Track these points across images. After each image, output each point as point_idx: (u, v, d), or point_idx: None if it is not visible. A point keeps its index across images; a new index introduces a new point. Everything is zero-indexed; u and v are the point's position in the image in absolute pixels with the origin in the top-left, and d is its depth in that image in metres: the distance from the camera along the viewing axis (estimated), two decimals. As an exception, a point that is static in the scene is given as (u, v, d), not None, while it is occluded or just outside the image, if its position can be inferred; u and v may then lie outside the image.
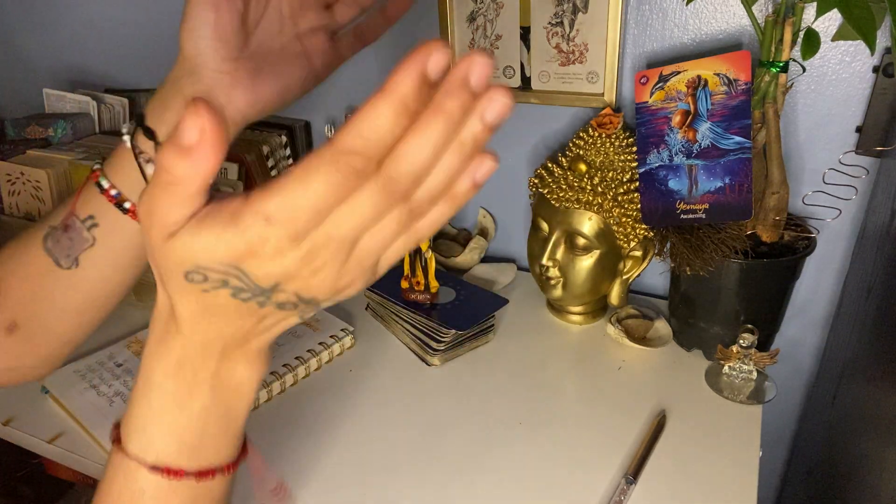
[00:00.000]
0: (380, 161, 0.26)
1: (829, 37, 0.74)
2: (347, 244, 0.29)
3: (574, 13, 0.84)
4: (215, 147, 0.27)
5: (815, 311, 0.90)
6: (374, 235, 0.29)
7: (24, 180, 0.99)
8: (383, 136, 0.26)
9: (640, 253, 0.83)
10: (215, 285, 0.29)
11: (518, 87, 0.92)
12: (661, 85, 0.72)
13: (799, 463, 0.99)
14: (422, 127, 0.26)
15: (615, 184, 0.79)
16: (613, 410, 0.74)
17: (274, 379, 0.77)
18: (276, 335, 0.34)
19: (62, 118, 1.12)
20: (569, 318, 0.89)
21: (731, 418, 0.72)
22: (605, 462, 0.67)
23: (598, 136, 0.81)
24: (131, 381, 0.77)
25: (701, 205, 0.73)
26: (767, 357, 0.75)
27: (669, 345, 0.84)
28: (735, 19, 0.78)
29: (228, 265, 0.28)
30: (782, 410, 0.99)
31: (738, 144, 0.70)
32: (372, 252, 0.30)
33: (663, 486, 0.64)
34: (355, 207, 0.27)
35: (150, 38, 1.19)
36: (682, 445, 0.69)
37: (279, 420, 0.74)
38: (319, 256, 0.28)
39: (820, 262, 0.86)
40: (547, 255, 0.81)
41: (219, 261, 0.28)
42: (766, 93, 0.70)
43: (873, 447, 0.65)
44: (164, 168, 0.27)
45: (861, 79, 0.75)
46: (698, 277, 0.75)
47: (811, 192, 0.80)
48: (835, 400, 0.82)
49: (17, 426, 0.73)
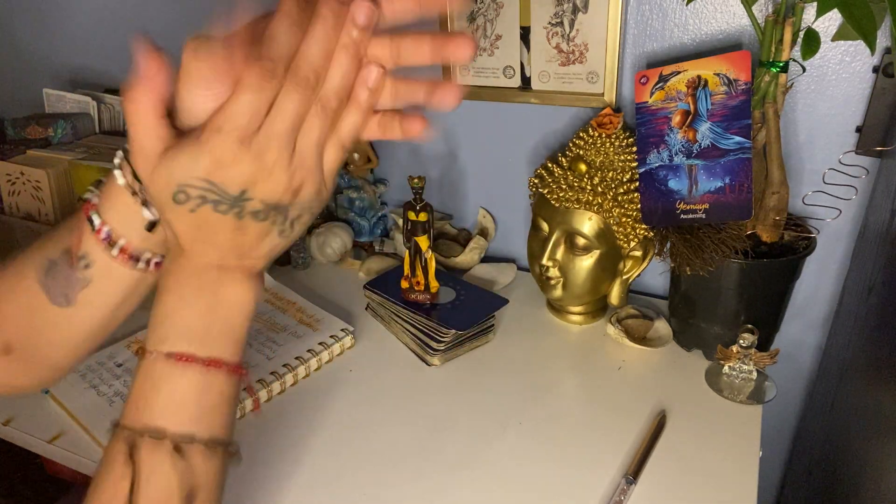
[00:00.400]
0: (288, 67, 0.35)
1: (829, 37, 0.74)
2: (285, 140, 0.36)
3: (574, 13, 0.84)
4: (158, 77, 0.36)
5: (815, 311, 0.90)
6: (305, 134, 0.37)
7: (24, 180, 0.99)
8: (283, 44, 0.35)
9: (640, 253, 0.83)
10: (197, 202, 0.36)
11: (518, 87, 0.92)
12: (661, 85, 0.72)
13: (799, 463, 0.99)
14: (309, 30, 0.35)
15: (615, 184, 0.79)
16: (613, 410, 0.74)
17: (274, 379, 0.77)
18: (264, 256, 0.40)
19: (62, 118, 1.12)
20: (569, 318, 0.89)
21: (731, 418, 0.72)
22: (605, 462, 0.67)
23: (598, 136, 0.81)
24: (131, 380, 0.77)
25: (701, 205, 0.73)
26: (767, 357, 0.75)
27: (669, 345, 0.84)
28: (735, 19, 0.78)
29: (202, 179, 0.36)
30: (782, 410, 0.99)
31: (738, 144, 0.70)
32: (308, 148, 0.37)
33: (663, 486, 0.64)
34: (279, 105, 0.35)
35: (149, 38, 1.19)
36: (682, 445, 0.69)
37: (279, 420, 0.74)
38: (267, 155, 0.36)
39: (820, 262, 0.86)
40: (547, 255, 0.81)
41: (194, 176, 0.36)
42: (766, 93, 0.70)
43: (873, 447, 0.65)
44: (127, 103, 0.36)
45: (861, 79, 0.75)
46: (698, 277, 0.75)
47: (811, 192, 0.80)
48: (835, 400, 0.82)
49: (17, 426, 0.73)
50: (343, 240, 1.05)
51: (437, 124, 1.02)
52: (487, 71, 0.92)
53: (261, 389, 0.75)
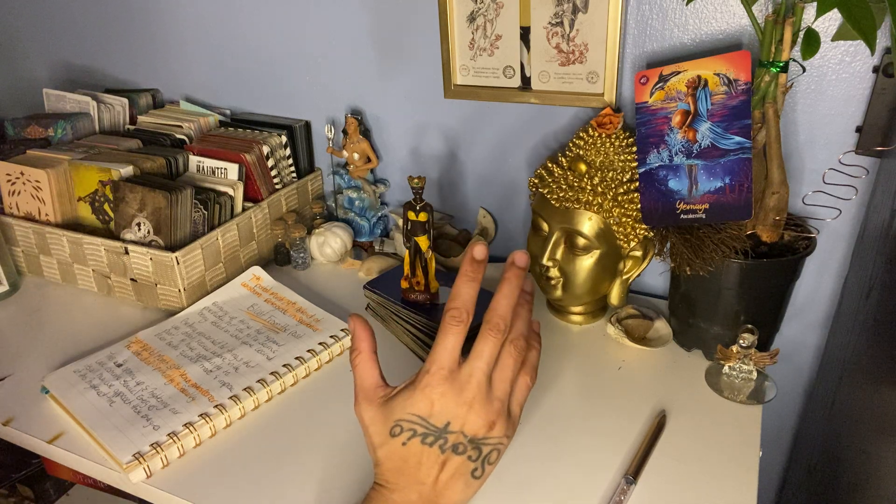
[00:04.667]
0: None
1: (829, 37, 0.74)
2: (484, 378, 0.44)
3: (574, 13, 0.84)
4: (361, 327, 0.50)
5: (815, 311, 0.90)
6: (500, 370, 0.45)
7: (24, 180, 0.99)
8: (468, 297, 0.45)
9: (640, 253, 0.83)
10: (409, 435, 0.44)
11: (518, 87, 0.92)
12: (661, 85, 0.72)
13: (799, 463, 0.99)
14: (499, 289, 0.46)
15: (615, 184, 0.79)
16: (613, 410, 0.74)
17: (274, 379, 0.77)
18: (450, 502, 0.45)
19: (62, 118, 1.12)
20: (569, 318, 0.89)
21: (731, 418, 0.72)
22: (605, 462, 0.67)
23: (598, 136, 0.81)
24: (131, 381, 0.77)
25: (701, 205, 0.73)
26: (767, 357, 0.75)
27: (669, 345, 0.84)
28: (735, 19, 0.78)
29: (414, 414, 0.44)
30: (782, 410, 0.99)
31: (738, 144, 0.70)
32: (503, 383, 0.45)
33: (663, 486, 0.64)
34: (477, 348, 0.44)
35: (149, 38, 1.19)
36: (682, 445, 0.69)
37: (279, 420, 0.74)
38: (468, 390, 0.44)
39: (820, 262, 0.86)
40: (547, 255, 0.81)
41: (408, 412, 0.44)
42: (766, 93, 0.70)
43: (873, 447, 0.65)
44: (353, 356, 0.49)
45: (861, 79, 0.75)
46: (698, 277, 0.75)
47: (811, 192, 0.80)
48: (835, 400, 0.82)
49: (17, 426, 0.73)
50: (343, 240, 1.05)
51: (437, 124, 1.02)
52: (487, 71, 0.92)
53: (261, 389, 0.75)
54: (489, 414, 0.44)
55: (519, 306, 0.47)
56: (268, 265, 1.05)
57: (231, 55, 1.13)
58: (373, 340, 0.50)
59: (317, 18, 1.02)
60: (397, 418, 0.44)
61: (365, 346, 0.49)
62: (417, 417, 0.44)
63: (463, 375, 0.44)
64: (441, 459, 0.44)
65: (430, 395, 0.44)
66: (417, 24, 0.95)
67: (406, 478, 0.45)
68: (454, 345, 0.44)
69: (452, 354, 0.44)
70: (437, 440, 0.44)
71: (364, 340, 0.49)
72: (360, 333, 0.50)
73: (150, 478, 0.66)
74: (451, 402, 0.43)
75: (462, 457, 0.44)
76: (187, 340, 0.84)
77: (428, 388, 0.44)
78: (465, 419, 0.44)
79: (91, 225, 0.99)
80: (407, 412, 0.44)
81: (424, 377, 0.44)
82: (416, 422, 0.44)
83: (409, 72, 1.00)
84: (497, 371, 0.45)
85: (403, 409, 0.44)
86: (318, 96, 1.09)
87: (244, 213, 0.99)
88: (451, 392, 0.44)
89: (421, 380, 0.44)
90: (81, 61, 1.30)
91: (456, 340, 0.44)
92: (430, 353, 0.45)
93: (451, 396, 0.43)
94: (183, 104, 1.18)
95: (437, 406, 0.44)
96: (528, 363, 0.48)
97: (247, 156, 1.00)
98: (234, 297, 0.94)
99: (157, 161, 1.00)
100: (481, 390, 0.44)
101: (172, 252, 0.88)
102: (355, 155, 1.04)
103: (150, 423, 0.70)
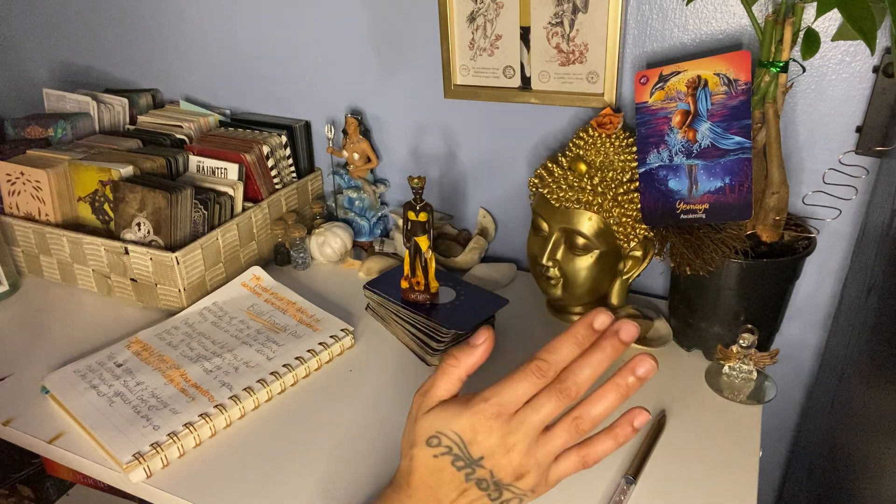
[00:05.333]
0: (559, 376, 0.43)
1: (829, 37, 0.74)
2: (532, 429, 0.43)
3: (574, 13, 0.84)
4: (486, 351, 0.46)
5: (815, 311, 0.90)
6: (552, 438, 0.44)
7: (24, 180, 0.99)
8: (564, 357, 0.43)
9: (640, 253, 0.83)
10: (443, 451, 0.44)
11: (518, 87, 0.92)
12: (661, 85, 0.72)
13: (799, 463, 0.99)
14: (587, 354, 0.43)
15: (615, 184, 0.79)
16: (613, 410, 0.74)
17: (274, 379, 0.77)
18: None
19: (62, 118, 1.12)
20: (569, 318, 0.89)
21: (731, 418, 0.72)
22: (605, 462, 0.67)
23: (598, 136, 0.81)
24: (131, 381, 0.77)
25: (701, 205, 0.73)
26: (767, 357, 0.75)
27: (669, 345, 0.84)
28: (735, 19, 0.78)
29: (456, 434, 0.44)
30: (782, 410, 0.99)
31: (738, 144, 0.70)
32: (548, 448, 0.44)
33: (663, 486, 0.64)
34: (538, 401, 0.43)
35: (150, 38, 1.19)
36: (682, 445, 0.69)
37: (279, 420, 0.74)
38: (513, 436, 0.43)
39: (820, 262, 0.86)
40: (547, 255, 0.81)
41: (451, 428, 0.44)
42: (766, 93, 0.70)
43: (873, 447, 0.65)
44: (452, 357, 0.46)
45: (861, 79, 0.75)
46: (698, 277, 0.75)
47: (811, 192, 0.80)
48: (835, 400, 0.82)
49: (17, 426, 0.73)
50: (343, 240, 1.05)
51: (437, 124, 1.02)
52: (487, 71, 0.92)
53: (261, 389, 0.75)
54: (524, 466, 0.44)
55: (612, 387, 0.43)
56: (268, 265, 1.05)
57: (231, 55, 1.13)
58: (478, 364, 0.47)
59: (317, 18, 1.02)
60: (439, 429, 0.44)
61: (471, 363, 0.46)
62: (458, 437, 0.44)
63: (515, 420, 0.43)
64: (463, 487, 0.44)
65: (477, 424, 0.43)
66: (417, 24, 0.95)
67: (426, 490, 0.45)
68: (524, 392, 0.43)
69: (516, 399, 0.43)
70: (465, 467, 0.44)
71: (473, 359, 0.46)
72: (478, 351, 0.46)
73: (150, 478, 0.66)
74: (493, 440, 0.43)
75: (483, 493, 0.44)
76: (187, 340, 0.84)
77: (479, 416, 0.43)
78: (499, 461, 0.43)
79: (91, 225, 0.99)
80: (450, 428, 0.44)
81: (480, 404, 0.44)
82: (454, 441, 0.44)
83: (409, 72, 1.00)
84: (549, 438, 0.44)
85: (448, 424, 0.44)
86: (318, 96, 1.09)
87: (244, 213, 0.99)
88: (498, 431, 0.43)
89: (476, 405, 0.44)
90: (81, 61, 1.30)
91: (527, 389, 0.43)
92: (495, 384, 0.44)
93: (495, 435, 0.43)
94: (183, 104, 1.18)
95: (479, 436, 0.43)
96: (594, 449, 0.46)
97: (247, 156, 1.00)
98: (234, 297, 0.94)
99: (157, 161, 1.00)
100: (526, 441, 0.43)
101: (172, 252, 0.88)
102: (355, 155, 1.04)
103: (150, 423, 0.70)
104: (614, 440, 0.46)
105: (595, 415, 0.44)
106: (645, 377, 0.43)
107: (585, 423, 0.44)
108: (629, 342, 0.43)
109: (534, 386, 0.43)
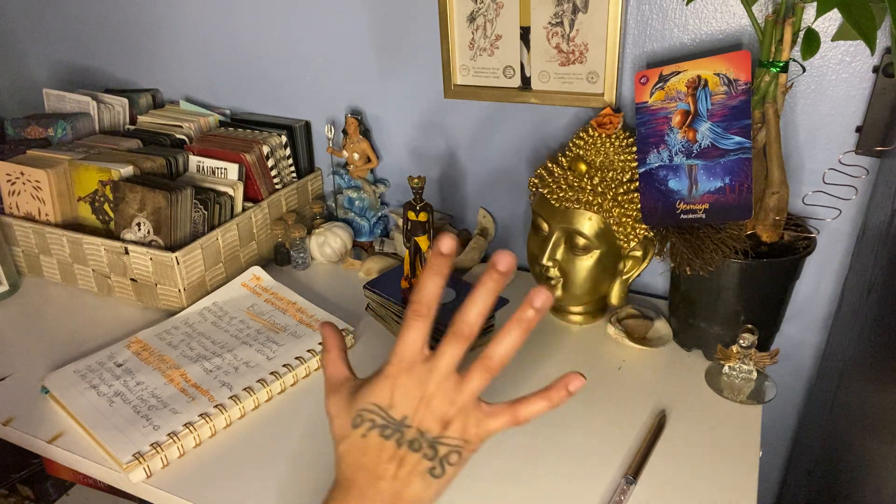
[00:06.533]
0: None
1: (829, 37, 0.74)
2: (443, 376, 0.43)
3: (574, 13, 0.84)
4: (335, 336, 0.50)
5: (815, 311, 0.90)
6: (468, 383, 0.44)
7: (24, 180, 0.99)
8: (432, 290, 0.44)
9: (640, 253, 0.83)
10: (369, 426, 0.43)
11: (518, 87, 0.92)
12: (661, 85, 0.72)
13: (799, 463, 0.99)
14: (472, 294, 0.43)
15: (615, 184, 0.79)
16: (613, 410, 0.74)
17: (274, 379, 0.77)
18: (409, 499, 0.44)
19: (62, 118, 1.12)
20: (569, 318, 0.89)
21: (731, 418, 0.72)
22: (605, 462, 0.67)
23: (598, 136, 0.81)
24: (131, 381, 0.77)
25: (701, 205, 0.73)
26: (767, 357, 0.75)
27: (669, 345, 0.84)
28: (735, 19, 0.78)
29: (374, 404, 0.44)
30: (782, 410, 0.99)
31: (738, 144, 0.70)
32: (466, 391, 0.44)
33: (663, 486, 0.64)
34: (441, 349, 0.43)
35: (150, 38, 1.19)
36: (682, 445, 0.69)
37: (279, 420, 0.74)
38: (427, 385, 0.43)
39: (820, 262, 0.86)
40: (547, 255, 0.81)
41: (369, 402, 0.44)
42: (766, 93, 0.70)
43: (873, 447, 0.65)
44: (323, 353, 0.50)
45: (861, 79, 0.75)
46: (698, 277, 0.75)
47: (811, 192, 0.80)
48: (835, 400, 0.82)
49: (17, 426, 0.73)
50: (343, 240, 1.05)
51: (437, 124, 1.02)
52: (487, 71, 0.92)
53: (261, 389, 0.75)
54: (447, 413, 0.44)
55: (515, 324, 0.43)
56: (268, 265, 1.05)
57: (231, 55, 1.13)
58: (342, 342, 0.50)
59: (317, 18, 1.02)
60: (359, 408, 0.44)
61: (333, 344, 0.50)
62: (377, 407, 0.44)
63: (424, 370, 0.43)
64: (398, 455, 0.43)
65: (390, 386, 0.44)
66: (417, 24, 0.95)
67: (364, 473, 0.44)
68: (415, 338, 0.44)
69: (413, 347, 0.44)
70: (394, 433, 0.43)
71: (332, 339, 0.50)
72: (329, 335, 0.50)
73: (150, 478, 0.66)
74: (410, 395, 0.43)
75: (418, 454, 0.43)
76: (187, 340, 0.84)
77: (389, 378, 0.44)
78: (423, 416, 0.43)
79: (91, 225, 0.99)
80: (367, 401, 0.44)
81: (386, 367, 0.44)
82: (375, 411, 0.44)
83: (409, 72, 1.00)
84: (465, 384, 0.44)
85: (364, 399, 0.44)
86: (318, 96, 1.09)
87: (244, 213, 0.99)
88: (412, 385, 0.43)
89: (382, 371, 0.44)
90: (81, 61, 1.30)
91: (417, 334, 0.44)
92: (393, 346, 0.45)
93: (411, 389, 0.43)
94: (183, 104, 1.18)
95: (396, 396, 0.43)
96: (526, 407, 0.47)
97: (247, 156, 1.00)
98: (234, 297, 0.94)
99: (157, 161, 1.00)
100: (442, 387, 0.43)
101: (172, 252, 0.88)
102: (355, 155, 1.04)
103: (150, 423, 0.70)
104: (548, 401, 0.46)
105: (502, 353, 0.44)
106: (543, 308, 0.43)
107: (494, 361, 0.44)
108: (504, 268, 0.43)
109: (420, 329, 0.44)
